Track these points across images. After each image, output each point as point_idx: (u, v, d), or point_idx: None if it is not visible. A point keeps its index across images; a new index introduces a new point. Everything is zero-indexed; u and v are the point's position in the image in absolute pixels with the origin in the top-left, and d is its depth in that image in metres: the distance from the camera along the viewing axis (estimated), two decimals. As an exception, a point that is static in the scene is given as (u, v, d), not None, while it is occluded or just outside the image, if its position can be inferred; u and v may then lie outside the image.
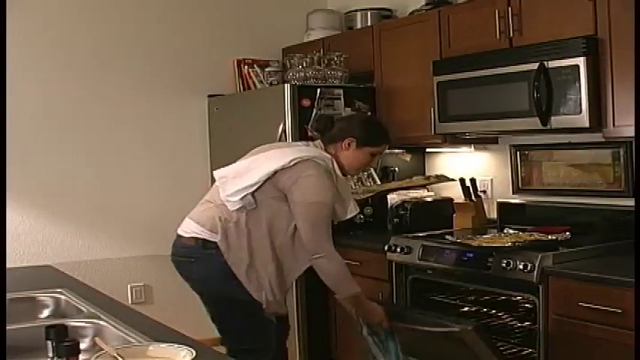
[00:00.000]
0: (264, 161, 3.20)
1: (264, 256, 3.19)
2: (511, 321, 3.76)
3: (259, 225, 3.19)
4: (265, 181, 3.15)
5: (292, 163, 3.14)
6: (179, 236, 3.33)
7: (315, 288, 3.95)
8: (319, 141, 3.38)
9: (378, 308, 3.30)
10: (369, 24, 4.97)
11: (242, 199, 3.16)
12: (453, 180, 4.36)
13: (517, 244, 3.46)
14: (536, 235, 3.63)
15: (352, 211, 3.41)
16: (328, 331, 4.55)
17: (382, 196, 4.61)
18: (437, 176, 4.47)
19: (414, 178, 4.54)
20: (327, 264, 3.16)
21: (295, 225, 3.18)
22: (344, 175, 3.35)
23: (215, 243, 3.18)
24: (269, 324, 3.28)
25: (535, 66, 3.51)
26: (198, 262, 3.22)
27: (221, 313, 3.30)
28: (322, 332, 4.55)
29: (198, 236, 3.22)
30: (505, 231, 3.92)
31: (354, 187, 4.49)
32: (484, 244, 3.54)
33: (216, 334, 3.36)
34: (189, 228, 3.28)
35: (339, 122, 3.45)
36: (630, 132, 3.30)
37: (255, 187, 3.15)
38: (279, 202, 3.19)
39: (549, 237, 3.57)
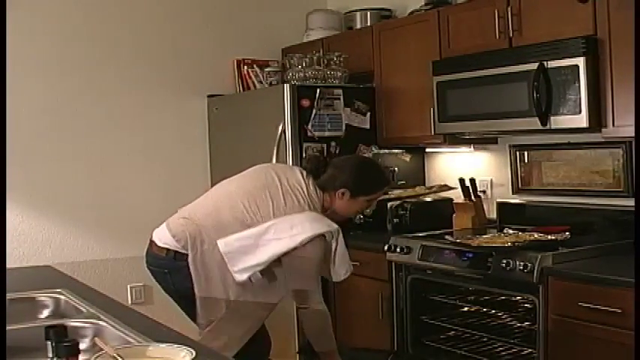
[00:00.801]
0: (272, 236, 3.12)
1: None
2: (511, 321, 3.77)
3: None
4: None
5: (303, 244, 3.10)
6: (151, 243, 3.31)
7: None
8: (312, 182, 3.29)
9: None
10: (368, 24, 4.97)
11: (251, 274, 3.15)
12: (454, 188, 4.36)
13: (517, 244, 3.45)
14: (535, 235, 3.63)
15: (347, 272, 3.41)
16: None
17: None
18: (440, 186, 4.48)
19: (417, 188, 4.54)
20: (312, 316, 3.18)
21: None
22: (338, 220, 3.31)
23: (187, 255, 3.16)
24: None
25: (534, 66, 3.51)
26: (172, 273, 3.20)
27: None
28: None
29: (170, 247, 3.20)
30: (505, 231, 3.92)
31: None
32: (483, 244, 3.54)
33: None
34: (163, 237, 3.25)
35: (332, 169, 3.33)
36: (630, 132, 3.30)
37: (262, 266, 3.14)
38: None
39: (549, 237, 3.57)
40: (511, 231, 3.87)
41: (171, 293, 3.32)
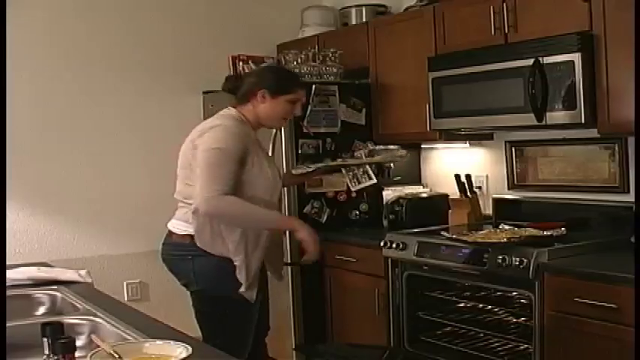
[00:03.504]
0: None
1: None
2: (507, 316, 3.77)
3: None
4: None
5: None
6: (170, 233, 3.30)
7: (310, 267, 3.93)
8: (232, 107, 3.34)
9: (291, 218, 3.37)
10: (363, 20, 4.97)
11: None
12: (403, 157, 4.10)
13: (512, 239, 3.46)
14: (531, 231, 3.63)
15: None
16: (323, 310, 4.55)
17: (378, 192, 4.62)
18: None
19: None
20: (222, 201, 3.03)
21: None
22: (267, 127, 3.35)
23: None
24: (250, 325, 3.26)
25: (530, 62, 3.51)
26: (195, 258, 3.18)
27: (209, 310, 3.23)
28: (317, 311, 4.54)
29: (191, 233, 3.18)
30: (500, 227, 3.93)
31: (350, 184, 4.50)
32: (479, 240, 3.55)
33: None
34: (179, 226, 3.25)
35: (248, 77, 3.41)
36: (625, 128, 3.31)
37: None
38: None
39: (544, 233, 3.58)
40: (507, 227, 3.88)
41: (189, 281, 3.25)
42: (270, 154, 4.48)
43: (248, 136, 3.21)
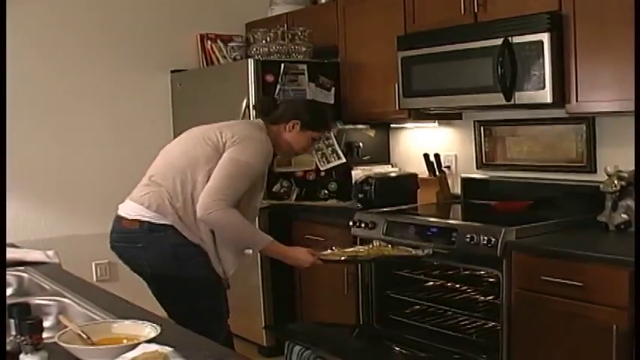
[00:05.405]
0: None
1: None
2: (475, 295, 3.80)
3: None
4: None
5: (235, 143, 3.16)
6: (120, 219, 3.25)
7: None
8: (260, 120, 3.40)
9: (301, 250, 3.32)
10: (333, -1, 4.95)
11: None
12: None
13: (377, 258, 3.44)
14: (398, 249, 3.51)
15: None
16: (293, 290, 4.56)
17: (347, 171, 4.62)
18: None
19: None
20: (224, 215, 3.06)
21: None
22: (280, 155, 3.44)
23: (162, 225, 3.11)
24: (221, 302, 3.27)
25: (499, 41, 3.51)
26: (147, 247, 3.13)
27: (172, 296, 3.20)
28: (286, 291, 4.55)
29: (143, 219, 3.14)
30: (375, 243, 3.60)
31: (319, 163, 4.50)
32: (345, 257, 3.41)
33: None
34: (132, 209, 3.19)
35: (284, 104, 3.49)
36: (592, 108, 3.34)
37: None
38: None
39: (414, 252, 3.44)
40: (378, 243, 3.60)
41: (142, 270, 3.23)
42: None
43: (270, 157, 3.28)
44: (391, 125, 4.88)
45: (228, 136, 3.18)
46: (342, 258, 3.36)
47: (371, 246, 3.50)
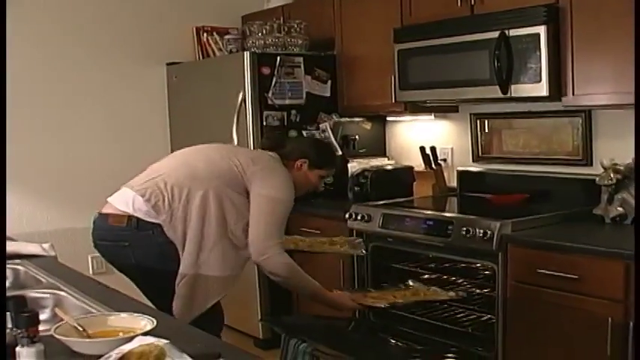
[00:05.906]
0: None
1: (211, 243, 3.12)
2: (470, 287, 3.80)
3: (208, 212, 3.09)
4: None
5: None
6: (104, 216, 3.15)
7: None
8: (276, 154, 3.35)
9: (344, 296, 3.34)
10: (329, -9, 4.94)
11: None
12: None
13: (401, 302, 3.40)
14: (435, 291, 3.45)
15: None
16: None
17: (343, 164, 4.62)
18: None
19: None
20: (278, 261, 3.12)
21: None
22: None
23: (150, 223, 3.03)
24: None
25: (496, 34, 3.51)
26: (134, 246, 3.06)
27: (159, 289, 3.13)
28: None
29: (132, 214, 3.05)
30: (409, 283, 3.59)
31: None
32: (370, 302, 3.38)
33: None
34: (124, 201, 3.11)
35: (291, 142, 3.57)
36: (589, 101, 3.34)
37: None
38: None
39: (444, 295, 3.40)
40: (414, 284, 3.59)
41: (129, 269, 3.14)
42: (234, 127, 4.47)
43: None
44: (387, 118, 4.88)
45: (253, 168, 3.14)
46: (385, 305, 3.35)
47: (404, 286, 3.50)
